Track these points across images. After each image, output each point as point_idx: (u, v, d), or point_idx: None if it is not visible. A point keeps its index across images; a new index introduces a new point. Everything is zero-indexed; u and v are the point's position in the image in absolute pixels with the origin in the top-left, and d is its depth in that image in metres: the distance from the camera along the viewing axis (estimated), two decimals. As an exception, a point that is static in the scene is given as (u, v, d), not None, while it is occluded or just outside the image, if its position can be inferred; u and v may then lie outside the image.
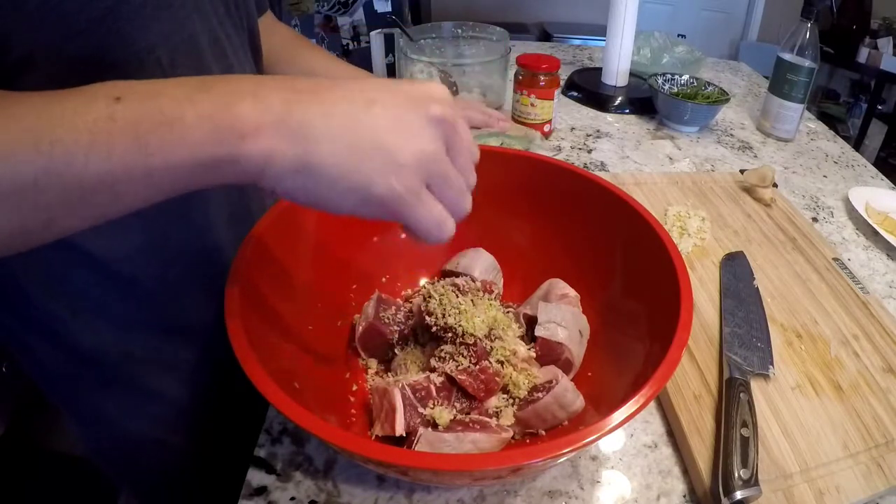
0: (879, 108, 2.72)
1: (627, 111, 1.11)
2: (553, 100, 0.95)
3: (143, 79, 0.40)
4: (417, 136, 0.32)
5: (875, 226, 0.79)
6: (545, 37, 2.82)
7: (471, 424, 0.43)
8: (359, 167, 0.31)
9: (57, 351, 0.55)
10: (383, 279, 0.59)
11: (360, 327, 0.51)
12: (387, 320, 0.51)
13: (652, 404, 0.53)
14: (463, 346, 0.47)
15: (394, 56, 1.06)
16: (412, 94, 0.33)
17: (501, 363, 0.48)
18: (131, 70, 0.42)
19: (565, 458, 0.45)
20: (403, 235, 0.59)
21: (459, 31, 1.05)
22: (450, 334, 0.48)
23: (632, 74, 1.16)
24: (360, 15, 2.33)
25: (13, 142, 0.26)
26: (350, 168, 0.31)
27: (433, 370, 0.47)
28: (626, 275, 0.54)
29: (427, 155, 0.32)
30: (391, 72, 1.07)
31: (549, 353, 0.50)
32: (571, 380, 0.48)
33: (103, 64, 0.41)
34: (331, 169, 0.31)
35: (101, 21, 0.39)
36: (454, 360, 0.47)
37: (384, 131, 0.31)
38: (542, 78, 0.93)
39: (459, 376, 0.46)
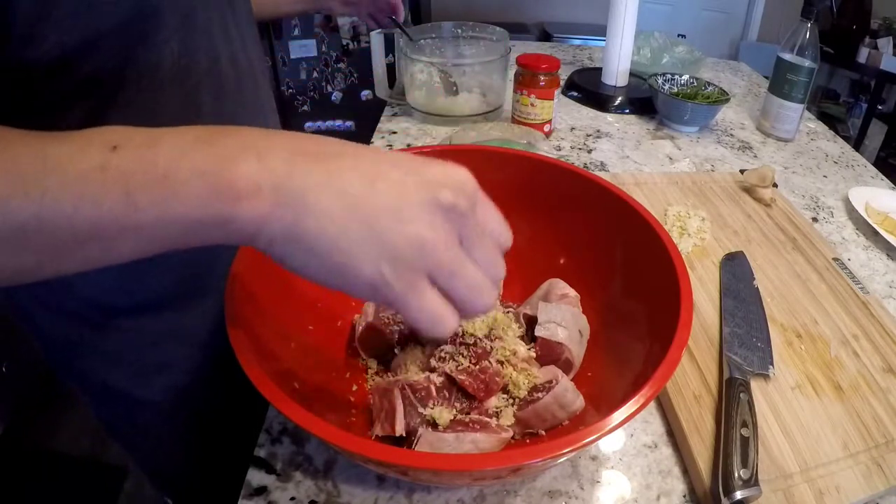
0: (879, 108, 2.72)
1: (627, 111, 1.11)
2: (553, 100, 0.95)
3: (158, 72, 0.41)
4: (418, 222, 0.29)
5: (875, 226, 0.79)
6: (545, 37, 2.82)
7: (471, 424, 0.43)
8: (350, 247, 0.29)
9: (57, 317, 0.55)
10: (383, 279, 0.59)
11: (360, 327, 0.51)
12: (387, 320, 0.51)
13: (652, 404, 0.53)
14: (463, 346, 0.47)
15: (394, 56, 1.06)
16: (425, 176, 0.30)
17: (501, 363, 0.48)
18: (150, 66, 0.43)
19: (565, 458, 0.45)
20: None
21: (459, 31, 1.05)
22: (450, 334, 0.48)
23: (632, 74, 1.16)
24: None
25: (6, 185, 0.26)
26: (340, 246, 0.29)
27: (433, 370, 0.47)
28: (626, 275, 0.54)
29: (427, 243, 0.29)
30: (391, 72, 1.07)
31: (549, 353, 0.50)
32: (571, 380, 0.48)
33: (129, 62, 0.42)
34: (321, 243, 0.29)
35: (129, 22, 0.40)
36: (454, 360, 0.47)
37: (383, 212, 0.29)
38: (542, 78, 0.93)
39: (459, 376, 0.46)
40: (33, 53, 0.37)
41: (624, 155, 0.96)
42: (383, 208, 0.29)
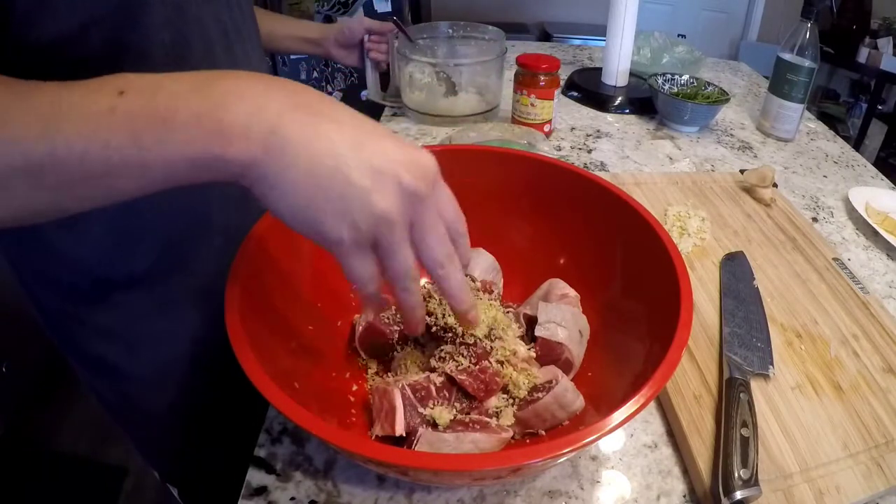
0: (879, 108, 2.72)
1: (627, 111, 1.11)
2: (553, 100, 0.95)
3: (150, 59, 0.41)
4: (382, 199, 0.32)
5: (875, 226, 0.79)
6: (545, 37, 2.82)
7: (471, 424, 0.43)
8: (321, 205, 0.32)
9: (53, 290, 0.56)
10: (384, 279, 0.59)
11: (360, 327, 0.51)
12: (387, 320, 0.51)
13: (652, 404, 0.53)
14: (463, 346, 0.47)
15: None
16: (395, 156, 0.33)
17: (501, 363, 0.48)
18: (142, 53, 0.44)
19: (565, 458, 0.45)
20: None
21: (452, 31, 1.05)
22: (450, 334, 0.48)
23: (632, 74, 1.16)
24: (360, 15, 2.33)
25: (25, 126, 0.29)
26: (312, 201, 0.32)
27: (433, 370, 0.47)
28: (626, 275, 0.54)
29: (383, 221, 0.33)
30: (384, 75, 1.07)
31: (549, 353, 0.50)
32: (571, 380, 0.48)
33: (121, 48, 0.43)
34: (297, 194, 0.32)
35: (121, 6, 0.41)
36: (454, 360, 0.47)
37: (354, 179, 0.32)
38: (542, 78, 0.93)
39: (459, 376, 0.46)
40: (31, 37, 0.38)
41: (624, 155, 0.96)
42: (358, 177, 0.32)
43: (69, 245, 0.52)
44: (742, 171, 0.87)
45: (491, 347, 0.48)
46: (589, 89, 1.15)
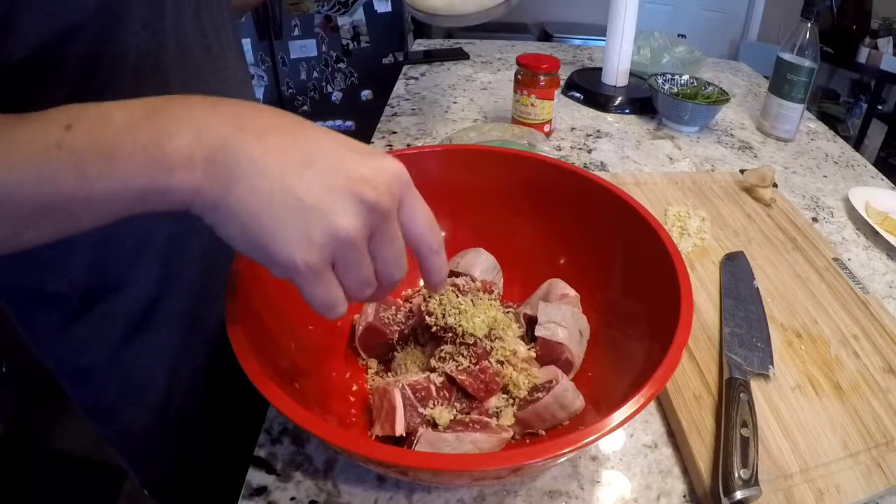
0: (879, 108, 2.72)
1: (627, 111, 1.11)
2: (553, 100, 0.95)
3: (127, 63, 0.41)
4: (338, 215, 0.30)
5: (875, 226, 0.79)
6: (545, 37, 2.82)
7: (471, 424, 0.43)
8: (269, 227, 0.30)
9: (33, 299, 0.55)
10: (383, 279, 0.59)
11: (360, 327, 0.51)
12: (387, 320, 0.51)
13: (652, 404, 0.53)
14: (463, 346, 0.47)
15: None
16: (356, 170, 0.31)
17: (501, 363, 0.48)
18: (120, 58, 0.44)
19: (565, 458, 0.44)
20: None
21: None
22: (450, 334, 0.48)
23: (632, 74, 1.16)
24: (360, 15, 2.33)
25: None
26: (260, 225, 0.30)
27: (433, 370, 0.47)
28: (626, 275, 0.54)
29: (339, 237, 0.31)
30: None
31: (549, 353, 0.50)
32: (571, 380, 0.48)
33: (99, 62, 0.42)
34: (244, 217, 0.30)
35: (101, 11, 0.40)
36: (454, 360, 0.47)
37: (306, 199, 0.30)
38: (542, 78, 0.93)
39: (459, 376, 0.46)
40: (8, 44, 0.38)
41: (624, 155, 0.96)
42: (307, 196, 0.30)
43: (55, 253, 0.51)
44: (742, 171, 0.87)
45: (491, 347, 0.48)
46: (589, 89, 1.15)
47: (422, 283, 0.60)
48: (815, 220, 0.83)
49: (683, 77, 1.09)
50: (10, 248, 0.32)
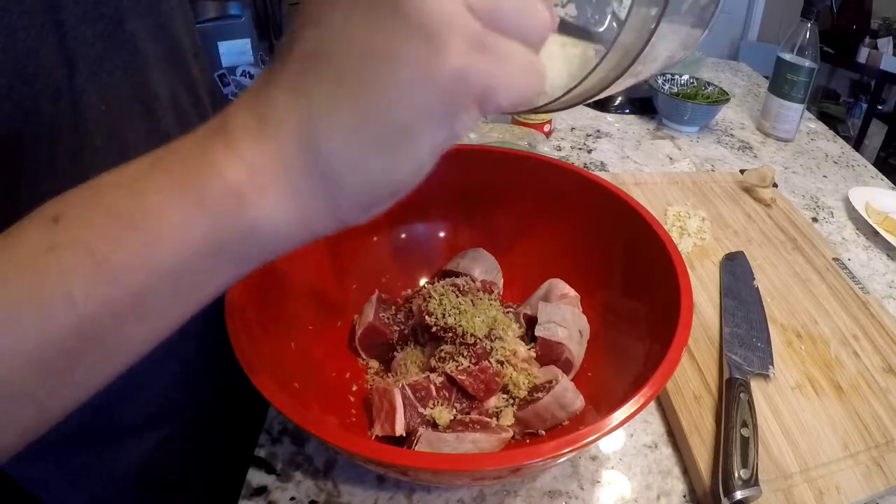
0: (879, 108, 2.72)
1: (627, 111, 1.11)
2: (553, 100, 0.95)
3: (86, 123, 0.35)
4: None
5: (875, 226, 0.79)
6: (545, 37, 2.81)
7: (471, 424, 0.43)
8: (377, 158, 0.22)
9: None
10: (383, 279, 0.59)
11: (360, 328, 0.51)
12: (387, 320, 0.51)
13: (652, 404, 0.53)
14: (463, 346, 0.47)
15: None
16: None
17: (501, 363, 0.48)
18: (68, 121, 0.37)
19: (565, 458, 0.44)
20: (403, 236, 0.60)
21: None
22: (450, 334, 0.48)
23: (632, 74, 1.16)
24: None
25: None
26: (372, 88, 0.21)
27: (433, 370, 0.47)
28: (626, 275, 0.54)
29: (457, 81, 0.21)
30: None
31: (549, 353, 0.50)
32: (571, 380, 0.48)
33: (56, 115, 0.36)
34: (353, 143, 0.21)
35: (57, 65, 0.35)
36: (454, 360, 0.47)
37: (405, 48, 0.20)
38: (542, 78, 0.92)
39: (459, 376, 0.46)
40: None
41: (624, 155, 0.96)
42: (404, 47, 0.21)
43: None
44: (742, 171, 0.87)
45: (491, 347, 0.48)
46: (589, 89, 1.15)
47: (422, 282, 0.60)
48: (815, 220, 0.83)
49: (683, 77, 1.09)
50: (36, 431, 0.23)
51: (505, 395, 0.48)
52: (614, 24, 0.37)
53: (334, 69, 0.21)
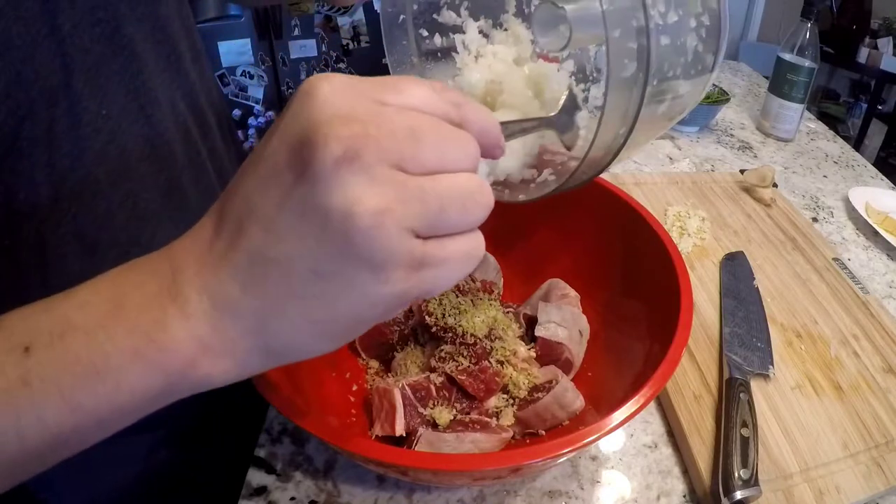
0: (879, 108, 2.72)
1: (627, 111, 1.11)
2: (553, 100, 0.95)
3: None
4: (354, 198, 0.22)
5: (875, 226, 0.79)
6: (545, 37, 2.81)
7: (471, 424, 0.43)
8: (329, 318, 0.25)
9: None
10: (383, 279, 0.59)
11: (360, 327, 0.51)
12: (387, 320, 0.51)
13: (652, 404, 0.53)
14: (463, 346, 0.47)
15: None
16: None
17: (501, 363, 0.48)
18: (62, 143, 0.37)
19: (565, 458, 0.45)
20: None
21: None
22: (450, 334, 0.48)
23: (632, 74, 1.16)
24: (360, 15, 2.33)
25: None
26: (317, 327, 0.25)
27: (433, 370, 0.47)
28: (626, 275, 0.54)
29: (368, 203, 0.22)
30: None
31: (549, 353, 0.50)
32: (571, 380, 0.48)
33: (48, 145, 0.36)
34: (304, 334, 0.26)
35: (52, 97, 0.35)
36: (454, 360, 0.47)
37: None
38: (542, 78, 0.92)
39: (459, 376, 0.45)
40: None
41: (624, 155, 0.96)
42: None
43: None
44: (742, 171, 0.87)
45: (491, 347, 0.48)
46: (589, 89, 1.15)
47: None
48: (815, 220, 0.83)
49: (683, 77, 1.09)
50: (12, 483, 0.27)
51: (505, 395, 0.48)
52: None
53: (283, 281, 0.23)
